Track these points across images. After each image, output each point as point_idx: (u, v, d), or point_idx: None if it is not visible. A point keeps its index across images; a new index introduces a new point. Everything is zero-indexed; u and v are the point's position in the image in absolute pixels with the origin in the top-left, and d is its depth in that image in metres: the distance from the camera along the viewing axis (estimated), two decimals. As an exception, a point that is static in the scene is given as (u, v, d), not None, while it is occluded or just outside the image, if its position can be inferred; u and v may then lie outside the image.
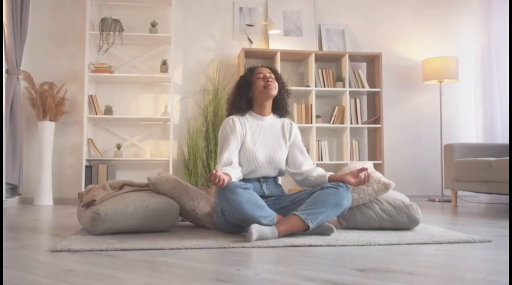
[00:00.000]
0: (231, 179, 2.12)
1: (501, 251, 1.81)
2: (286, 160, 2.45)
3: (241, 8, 4.81)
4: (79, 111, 4.32)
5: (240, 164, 2.33)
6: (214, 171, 1.92)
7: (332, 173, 2.34)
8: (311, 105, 4.48)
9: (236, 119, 2.38)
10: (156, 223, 2.22)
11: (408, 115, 4.95)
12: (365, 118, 4.79)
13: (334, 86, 4.59)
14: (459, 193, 4.52)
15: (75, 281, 1.30)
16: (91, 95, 4.24)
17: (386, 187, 2.33)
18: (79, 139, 4.29)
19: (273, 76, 2.41)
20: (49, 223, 2.80)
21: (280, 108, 2.47)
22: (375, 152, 4.66)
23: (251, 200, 2.03)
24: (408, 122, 4.94)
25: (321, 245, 1.91)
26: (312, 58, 4.49)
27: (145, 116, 4.41)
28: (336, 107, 4.57)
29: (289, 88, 2.51)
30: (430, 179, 4.87)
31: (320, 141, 4.53)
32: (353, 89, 4.55)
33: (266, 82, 2.36)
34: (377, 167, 4.57)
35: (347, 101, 4.52)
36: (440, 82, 4.71)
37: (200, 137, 4.41)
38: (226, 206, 2.02)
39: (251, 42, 4.59)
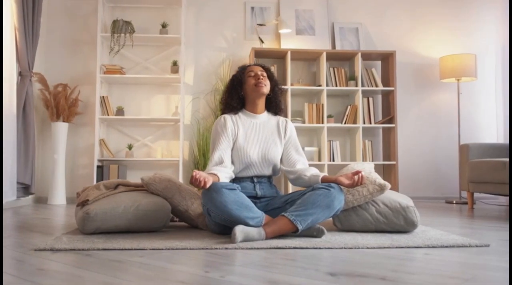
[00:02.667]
0: (218, 180, 2.10)
1: (495, 256, 1.72)
2: (281, 158, 2.41)
3: (252, 8, 4.79)
4: (92, 112, 4.40)
5: (233, 162, 2.31)
6: (194, 173, 1.90)
7: (326, 174, 2.29)
8: (323, 104, 4.41)
9: (228, 117, 2.36)
10: (146, 223, 2.22)
11: (424, 115, 4.81)
12: (379, 118, 4.69)
13: (347, 85, 4.50)
14: (480, 195, 4.37)
15: (38, 280, 1.31)
16: (102, 96, 4.30)
17: (381, 189, 2.26)
18: (92, 140, 4.37)
19: (264, 74, 2.38)
20: (52, 222, 2.84)
21: (273, 106, 2.44)
22: (389, 152, 4.55)
23: (237, 201, 1.99)
24: (424, 122, 4.80)
25: (307, 248, 1.87)
26: (323, 57, 4.42)
27: (156, 116, 4.45)
28: (349, 107, 4.48)
29: (282, 86, 2.48)
30: (447, 181, 4.72)
31: (331, 141, 4.46)
32: (366, 88, 4.45)
33: (257, 80, 2.33)
34: (391, 168, 4.46)
35: (359, 100, 4.43)
36: (458, 80, 4.55)
37: (210, 137, 4.41)
38: (211, 207, 2.00)
39: (262, 42, 4.56)
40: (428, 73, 4.85)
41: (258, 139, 2.35)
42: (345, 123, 4.46)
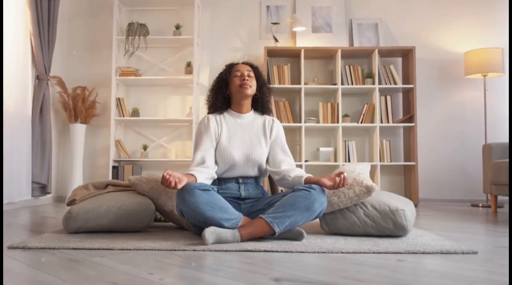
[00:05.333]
0: (196, 180, 2.07)
1: (474, 265, 1.58)
2: (267, 159, 2.35)
3: (268, 7, 4.74)
4: (109, 114, 4.49)
5: (216, 163, 2.27)
6: (164, 173, 1.88)
7: (310, 175, 2.20)
8: (338, 104, 4.29)
9: (212, 117, 2.33)
10: (129, 223, 2.22)
11: (449, 113, 4.57)
12: (400, 117, 4.50)
13: (363, 84, 4.36)
14: (505, 198, 4.10)
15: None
16: (118, 98, 4.39)
17: (368, 191, 2.14)
18: (109, 141, 4.46)
19: (252, 73, 2.33)
20: (56, 220, 2.92)
21: (260, 106, 2.39)
22: (409, 152, 4.36)
23: (210, 201, 1.96)
24: (449, 120, 4.57)
25: (277, 251, 1.80)
26: (338, 55, 4.30)
27: (171, 117, 4.49)
28: (365, 106, 4.33)
29: (270, 85, 2.42)
30: (474, 183, 4.46)
31: (347, 141, 4.33)
32: (383, 86, 4.29)
33: (242, 80, 2.28)
34: (411, 168, 4.27)
35: (376, 99, 4.27)
36: (484, 75, 4.30)
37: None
38: (183, 208, 1.97)
39: (277, 41, 4.50)
40: (452, 69, 4.61)
41: (242, 139, 2.30)
42: (361, 123, 4.31)
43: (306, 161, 4.29)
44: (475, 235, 2.33)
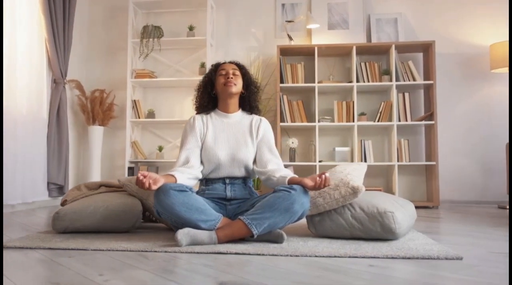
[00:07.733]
0: (176, 181, 2.05)
1: (450, 272, 1.47)
2: (254, 158, 2.30)
3: (283, 5, 4.67)
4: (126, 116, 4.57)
5: (202, 163, 2.25)
6: (139, 174, 1.87)
7: (295, 175, 2.14)
8: (353, 102, 4.16)
9: (198, 117, 2.32)
10: (115, 224, 2.24)
11: (473, 109, 4.33)
12: (421, 114, 4.31)
13: (380, 81, 4.20)
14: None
15: None
16: (134, 100, 4.46)
17: (354, 192, 2.05)
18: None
19: (237, 72, 2.29)
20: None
21: (247, 104, 2.34)
22: (430, 152, 4.16)
23: (186, 203, 1.93)
24: (473, 118, 4.32)
25: (249, 254, 1.75)
26: (354, 52, 4.17)
27: (186, 118, 4.50)
28: (382, 103, 4.17)
29: (258, 84, 2.37)
30: (501, 183, 4.20)
31: (363, 141, 4.18)
32: (401, 82, 4.11)
33: (227, 79, 2.25)
34: (432, 169, 4.07)
35: (394, 96, 4.11)
36: (511, 69, 4.04)
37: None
38: (159, 209, 1.95)
39: (291, 39, 4.42)
40: (477, 63, 4.36)
41: (227, 139, 2.27)
42: (378, 121, 4.16)
43: (320, 161, 4.18)
44: (476, 239, 2.17)
